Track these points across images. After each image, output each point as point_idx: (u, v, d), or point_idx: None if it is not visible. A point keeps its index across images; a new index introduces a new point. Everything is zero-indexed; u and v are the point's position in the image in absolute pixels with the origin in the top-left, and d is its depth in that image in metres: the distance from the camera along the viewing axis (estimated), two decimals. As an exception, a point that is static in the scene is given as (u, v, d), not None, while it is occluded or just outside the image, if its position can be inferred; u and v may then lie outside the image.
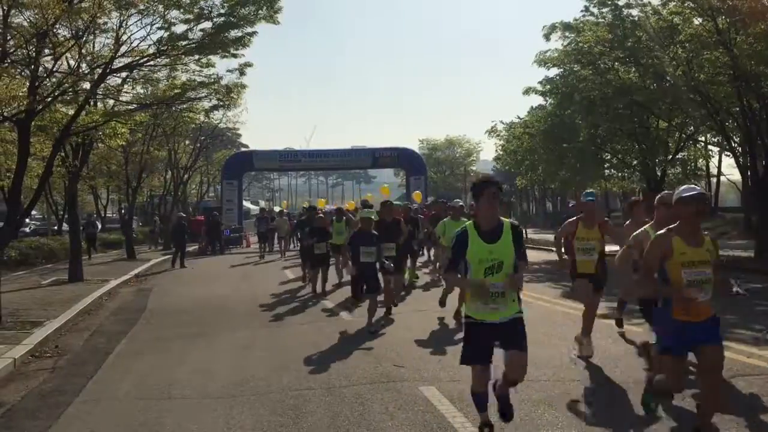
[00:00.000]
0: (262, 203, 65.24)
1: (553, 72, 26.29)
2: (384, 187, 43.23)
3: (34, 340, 9.56)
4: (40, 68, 12.27)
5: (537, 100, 30.65)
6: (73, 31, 12.90)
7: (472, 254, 4.93)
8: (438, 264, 16.60)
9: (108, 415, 6.34)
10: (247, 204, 53.82)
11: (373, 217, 10.76)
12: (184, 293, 15.90)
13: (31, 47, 11.94)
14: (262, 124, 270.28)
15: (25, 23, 12.38)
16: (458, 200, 12.89)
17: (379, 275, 10.66)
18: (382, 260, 10.35)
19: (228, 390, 6.99)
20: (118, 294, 16.26)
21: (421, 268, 17.83)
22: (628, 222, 8.65)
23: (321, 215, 15.60)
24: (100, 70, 13.52)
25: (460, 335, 9.20)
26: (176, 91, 16.24)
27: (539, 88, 27.18)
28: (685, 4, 20.32)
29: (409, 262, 15.45)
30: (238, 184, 40.06)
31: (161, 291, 16.73)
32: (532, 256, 14.17)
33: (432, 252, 19.36)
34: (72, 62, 13.89)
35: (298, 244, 22.10)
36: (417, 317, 11.26)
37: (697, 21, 20.42)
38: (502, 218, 5.06)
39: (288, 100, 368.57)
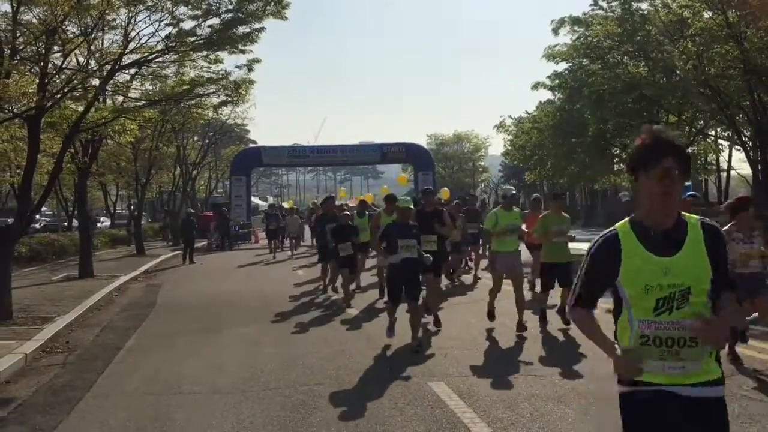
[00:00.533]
0: (271, 199, 65.06)
1: (562, 66, 26.31)
2: (401, 176, 41.62)
3: (44, 336, 9.61)
4: (50, 65, 12.31)
5: (545, 95, 30.74)
6: (82, 28, 12.94)
7: (632, 276, 2.75)
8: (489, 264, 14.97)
9: (118, 409, 6.37)
10: (255, 200, 53.94)
11: (411, 206, 9.17)
12: (194, 289, 15.96)
13: (40, 44, 11.99)
14: (270, 120, 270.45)
15: (35, 20, 12.42)
16: (511, 187, 11.02)
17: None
18: (422, 254, 8.82)
19: (237, 385, 7.01)
20: (128, 290, 16.33)
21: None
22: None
23: (346, 212, 13.78)
24: (108, 67, 13.54)
25: (475, 331, 9.16)
26: (185, 87, 16.26)
27: (548, 82, 27.17)
28: (695, -2, 20.21)
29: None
30: (246, 180, 40.11)
31: (171, 287, 16.79)
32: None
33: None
34: (81, 59, 13.94)
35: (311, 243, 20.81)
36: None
37: (707, 14, 20.33)
38: (683, 214, 2.84)
39: (296, 96, 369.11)
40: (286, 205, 39.99)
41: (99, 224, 41.53)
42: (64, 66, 12.68)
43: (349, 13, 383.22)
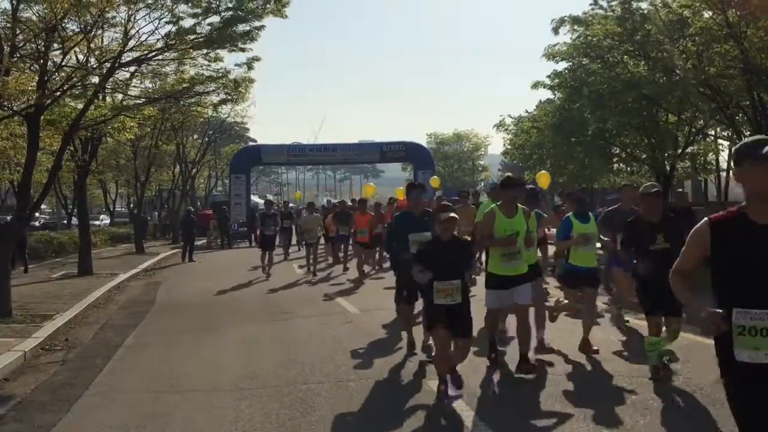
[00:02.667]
0: (270, 196, 64.11)
1: (562, 66, 26.24)
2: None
3: (44, 334, 9.62)
4: (49, 62, 12.30)
5: (545, 94, 30.61)
6: (82, 26, 12.92)
7: None
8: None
9: (117, 407, 6.38)
10: (254, 198, 53.89)
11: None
12: (193, 287, 15.96)
13: (40, 41, 11.98)
14: (270, 118, 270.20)
15: (34, 17, 12.41)
16: None
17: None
18: None
19: (236, 383, 7.02)
20: (127, 288, 16.33)
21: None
22: None
23: (450, 215, 6.30)
24: (108, 65, 13.52)
25: (474, 330, 9.17)
26: (184, 85, 16.24)
27: (548, 82, 27.13)
28: (695, -3, 20.20)
29: None
30: (246, 178, 40.09)
31: (170, 285, 16.80)
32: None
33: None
34: (81, 56, 13.92)
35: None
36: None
37: (707, 14, 20.30)
38: None
39: (296, 94, 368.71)
40: (292, 204, 33.87)
41: (98, 222, 41.58)
42: (63, 63, 12.67)
43: (350, 12, 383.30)
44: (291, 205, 28.10)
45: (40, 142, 12.70)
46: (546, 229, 10.51)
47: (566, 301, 8.40)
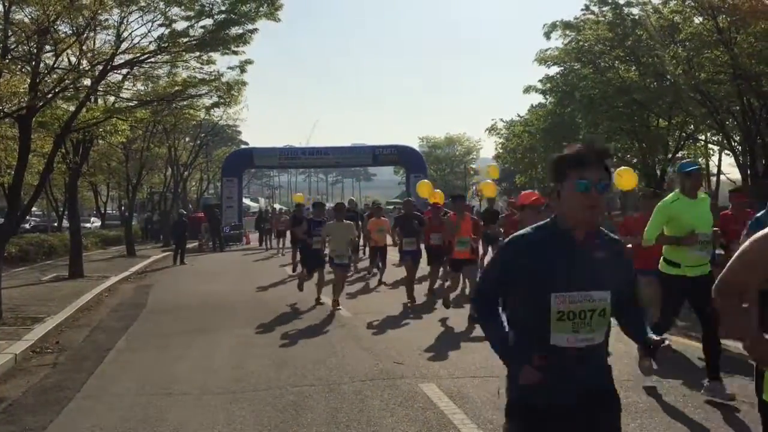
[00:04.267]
0: (263, 201, 63.82)
1: (554, 70, 26.41)
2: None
3: (34, 336, 9.58)
4: (41, 65, 12.28)
5: (537, 99, 30.76)
6: (74, 28, 12.92)
7: None
8: None
9: (109, 410, 6.36)
10: (246, 201, 53.84)
11: None
12: (184, 290, 15.91)
13: (32, 43, 11.96)
14: (262, 121, 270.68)
15: (26, 19, 12.40)
16: None
17: None
18: None
19: (228, 386, 7.02)
20: (119, 290, 16.27)
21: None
22: None
23: None
24: (100, 67, 13.51)
25: (461, 331, 9.23)
26: (177, 88, 16.22)
27: (539, 86, 27.29)
28: (686, 3, 20.39)
29: None
30: (238, 182, 40.04)
31: (161, 287, 16.74)
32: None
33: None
34: (73, 59, 13.90)
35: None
36: (417, 314, 11.27)
37: (697, 20, 20.47)
38: None
39: (288, 97, 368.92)
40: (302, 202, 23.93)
41: (89, 225, 41.48)
42: (55, 66, 12.65)
43: (341, 17, 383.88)
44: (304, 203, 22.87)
45: (31, 144, 12.67)
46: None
47: None
